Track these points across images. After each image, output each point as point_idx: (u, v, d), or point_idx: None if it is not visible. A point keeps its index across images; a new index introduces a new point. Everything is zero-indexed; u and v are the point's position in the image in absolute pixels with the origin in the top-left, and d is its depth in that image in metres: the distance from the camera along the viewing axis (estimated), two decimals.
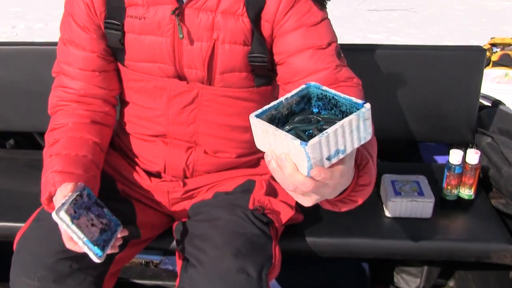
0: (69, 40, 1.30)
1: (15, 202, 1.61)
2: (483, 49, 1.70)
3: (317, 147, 0.67)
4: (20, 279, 1.20)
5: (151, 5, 1.20)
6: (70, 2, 1.29)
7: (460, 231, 1.49)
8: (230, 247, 1.17)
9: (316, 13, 1.18)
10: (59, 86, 1.34)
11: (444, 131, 1.76)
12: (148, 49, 1.24)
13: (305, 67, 1.17)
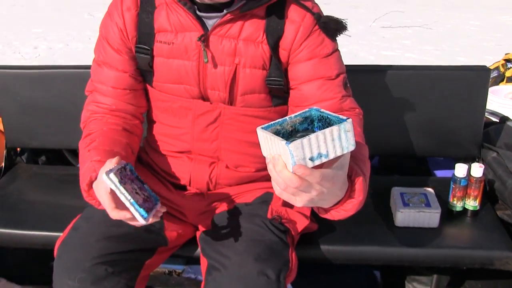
0: (104, 62, 1.43)
1: (51, 213, 1.75)
2: (487, 69, 1.81)
3: (300, 147, 0.83)
4: (63, 281, 1.31)
5: (179, 31, 1.34)
6: (105, 27, 1.43)
7: (465, 239, 1.59)
8: (251, 252, 1.29)
9: (328, 45, 1.32)
10: (92, 102, 1.47)
11: (451, 146, 1.87)
12: (175, 72, 1.37)
13: (313, 95, 1.31)
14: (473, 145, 1.85)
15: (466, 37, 6.81)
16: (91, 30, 7.12)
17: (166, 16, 1.35)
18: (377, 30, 7.24)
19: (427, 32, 7.11)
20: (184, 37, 1.34)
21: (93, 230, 1.38)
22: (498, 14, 8.35)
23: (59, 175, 2.07)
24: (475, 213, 1.65)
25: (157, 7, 1.37)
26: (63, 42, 6.49)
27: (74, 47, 6.24)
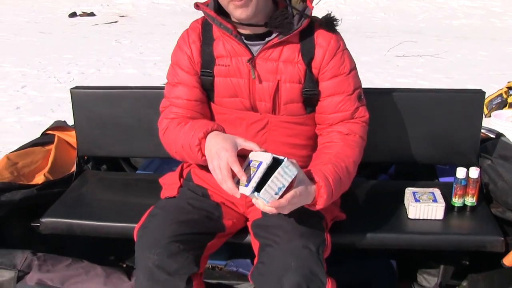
0: (177, 82, 1.81)
1: (120, 209, 2.11)
2: (482, 92, 2.19)
3: (266, 192, 1.42)
4: (145, 255, 1.64)
5: (233, 56, 1.73)
6: (176, 56, 1.82)
7: (464, 228, 1.95)
8: (297, 231, 1.64)
9: (348, 64, 1.74)
10: (170, 113, 1.82)
11: (454, 155, 2.22)
12: (231, 87, 1.76)
13: (333, 107, 1.75)
14: (472, 154, 2.21)
15: (474, 66, 6.98)
16: (119, 56, 7.45)
17: (222, 46, 1.75)
18: (392, 58, 7.42)
19: (439, 61, 7.30)
20: (237, 61, 1.73)
21: (167, 216, 1.72)
22: (504, 46, 8.50)
23: (121, 179, 2.44)
24: (473, 208, 2.00)
25: (215, 39, 1.76)
26: (94, 67, 6.76)
27: (105, 72, 6.55)
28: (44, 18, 11.49)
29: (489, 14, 12.13)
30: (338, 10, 12.43)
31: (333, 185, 1.58)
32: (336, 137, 1.74)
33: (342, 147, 1.71)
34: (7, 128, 4.58)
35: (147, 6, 13.18)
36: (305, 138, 1.81)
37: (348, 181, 1.69)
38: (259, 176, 1.44)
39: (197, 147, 1.62)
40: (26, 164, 2.22)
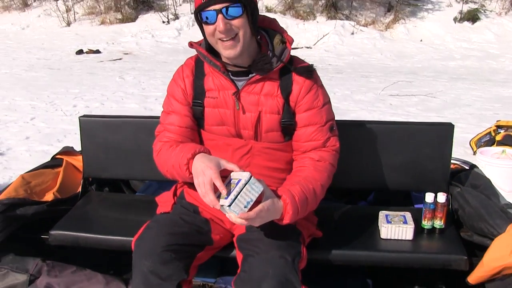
0: (171, 111, 2.04)
1: (120, 225, 2.30)
2: (451, 125, 2.38)
3: (236, 206, 1.65)
4: (141, 261, 1.84)
5: (220, 90, 1.96)
6: (171, 88, 2.06)
7: (432, 248, 2.12)
8: (275, 243, 1.85)
9: (321, 99, 1.97)
10: (163, 137, 2.04)
11: (426, 183, 2.39)
12: (219, 117, 1.98)
13: (307, 137, 1.97)
14: (442, 182, 2.40)
15: (467, 106, 7.11)
16: (123, 91, 7.66)
17: (212, 80, 1.98)
18: (386, 97, 7.54)
19: (432, 100, 7.42)
20: (224, 94, 1.96)
21: (161, 229, 1.92)
22: (498, 86, 8.64)
23: (122, 200, 2.66)
24: (441, 230, 2.18)
25: (206, 74, 2.00)
26: (98, 102, 6.99)
27: (108, 106, 6.76)
28: (53, 55, 11.78)
29: (486, 56, 12.29)
30: (336, 51, 12.73)
31: (298, 203, 1.81)
32: (308, 163, 1.96)
33: (311, 171, 1.93)
34: (18, 155, 4.80)
35: (150, 44, 13.47)
36: (284, 163, 2.03)
37: (314, 201, 1.91)
38: (237, 190, 1.66)
39: (185, 166, 1.82)
40: (38, 183, 2.44)
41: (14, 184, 2.36)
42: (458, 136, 5.39)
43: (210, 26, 1.80)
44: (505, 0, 14.53)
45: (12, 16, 17.14)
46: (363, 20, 14.81)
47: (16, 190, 2.31)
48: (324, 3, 14.99)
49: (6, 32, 15.38)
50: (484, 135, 4.92)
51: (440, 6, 14.90)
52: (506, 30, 13.78)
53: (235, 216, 1.69)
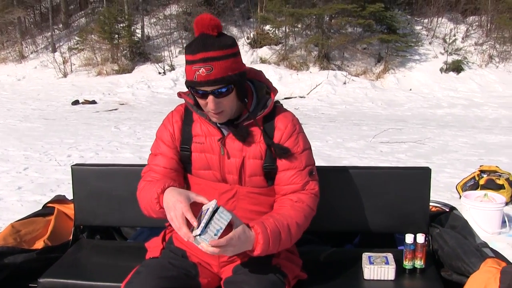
0: (159, 153, 2.10)
1: (110, 271, 2.32)
2: (428, 169, 2.47)
3: (206, 234, 1.70)
4: None
5: (207, 136, 2.05)
6: (160, 132, 2.13)
7: (413, 287, 2.18)
8: (261, 286, 1.90)
9: (301, 145, 2.05)
10: (147, 176, 2.09)
11: (408, 225, 2.44)
12: (205, 161, 2.06)
13: (286, 180, 2.05)
14: (422, 224, 2.46)
15: (454, 152, 7.25)
16: (118, 141, 7.76)
17: (199, 127, 2.07)
18: (376, 145, 7.68)
19: (421, 147, 7.56)
20: (210, 139, 2.05)
21: (150, 273, 1.97)
22: (483, 133, 8.83)
23: (113, 247, 2.69)
24: (422, 270, 2.23)
25: (194, 121, 2.09)
26: (93, 151, 7.07)
27: (103, 156, 6.83)
28: (49, 106, 11.95)
29: (471, 104, 12.58)
30: (328, 100, 12.96)
31: (270, 235, 1.85)
32: (286, 203, 2.03)
33: (288, 210, 2.00)
34: (9, 206, 4.84)
35: (146, 95, 13.66)
36: (268, 207, 2.09)
37: (289, 237, 1.95)
38: (207, 219, 1.72)
39: (156, 200, 1.89)
40: (28, 232, 2.48)
41: (3, 233, 2.40)
42: (445, 181, 5.59)
43: (201, 99, 1.93)
44: (484, 54, 15.11)
45: (8, 67, 17.37)
46: (355, 70, 15.12)
47: (5, 239, 2.35)
48: (316, 54, 15.33)
49: (1, 83, 15.58)
50: (469, 180, 5.01)
51: (427, 57, 15.32)
52: (488, 80, 14.26)
53: (206, 245, 1.73)
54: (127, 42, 16.43)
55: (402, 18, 16.12)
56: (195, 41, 1.88)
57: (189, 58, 1.88)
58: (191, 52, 1.87)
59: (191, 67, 1.86)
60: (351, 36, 15.63)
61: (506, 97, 13.13)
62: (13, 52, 18.14)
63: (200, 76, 1.84)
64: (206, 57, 1.83)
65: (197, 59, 1.84)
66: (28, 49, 18.37)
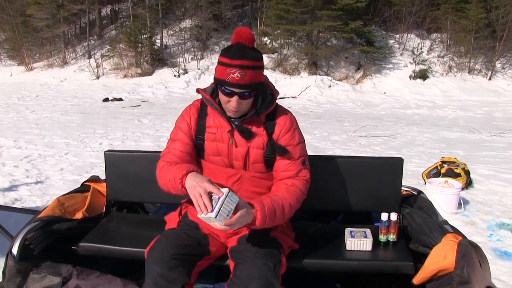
0: (176, 138, 2.08)
1: (136, 239, 2.32)
2: (401, 159, 2.46)
3: (220, 216, 1.72)
4: (151, 267, 1.89)
5: (219, 127, 2.04)
6: (179, 122, 2.10)
7: (386, 256, 2.17)
8: (259, 253, 1.90)
9: (297, 139, 2.05)
10: (166, 157, 2.06)
11: (383, 206, 2.42)
12: (216, 149, 2.05)
13: (283, 168, 2.05)
14: (395, 204, 2.46)
15: (420, 145, 7.26)
16: (140, 132, 7.74)
17: (212, 119, 2.05)
18: (356, 138, 7.71)
19: (392, 141, 7.59)
20: (221, 131, 2.04)
21: (168, 242, 1.97)
22: (444, 130, 8.84)
23: (138, 219, 2.69)
24: (394, 243, 2.23)
25: (208, 114, 2.07)
26: (120, 140, 7.07)
27: (128, 144, 6.84)
28: (85, 102, 11.94)
29: (434, 106, 12.59)
30: (316, 100, 12.95)
31: (267, 212, 1.86)
32: (282, 187, 2.03)
33: (283, 192, 1.99)
34: (53, 183, 4.85)
35: (164, 94, 13.65)
36: (266, 189, 2.09)
37: (282, 215, 1.94)
38: (220, 203, 1.73)
39: (179, 180, 1.87)
40: (70, 205, 2.48)
41: (51, 205, 2.41)
42: (413, 169, 5.59)
43: (226, 96, 1.92)
44: (445, 64, 15.21)
45: (53, 71, 17.44)
46: (338, 76, 15.10)
47: (52, 210, 2.36)
48: (306, 62, 15.29)
49: (49, 84, 15.59)
50: (433, 169, 5.01)
51: (399, 66, 15.33)
52: (448, 87, 14.31)
53: (219, 224, 1.75)
54: (149, 50, 16.40)
55: (378, 33, 16.09)
56: (234, 48, 1.87)
57: (225, 61, 1.87)
58: (230, 57, 1.86)
59: (227, 69, 1.85)
60: (336, 47, 15.58)
61: (463, 101, 13.15)
62: (57, 59, 18.28)
63: (234, 79, 1.85)
64: (243, 65, 1.84)
65: (234, 64, 1.84)
66: (69, 56, 18.45)
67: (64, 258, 2.25)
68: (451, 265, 1.88)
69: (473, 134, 8.48)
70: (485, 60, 15.43)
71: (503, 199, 4.61)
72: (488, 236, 3.70)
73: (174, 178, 1.90)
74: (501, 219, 4.01)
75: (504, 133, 8.57)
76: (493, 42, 15.24)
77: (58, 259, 2.23)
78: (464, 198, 4.48)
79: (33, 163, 5.64)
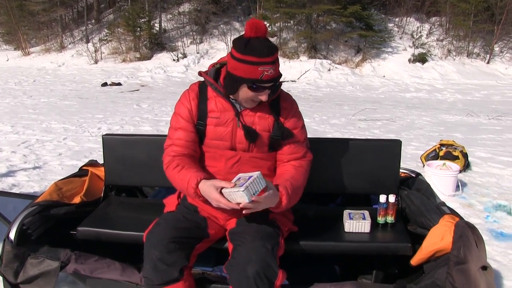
0: (178, 127, 2.05)
1: (134, 223, 2.31)
2: (399, 141, 2.44)
3: (247, 191, 1.75)
4: (150, 251, 1.88)
5: (222, 111, 2.00)
6: (179, 108, 2.06)
7: (385, 238, 2.17)
8: (258, 235, 1.90)
9: (301, 121, 2.07)
10: (170, 151, 2.05)
11: (381, 188, 2.41)
12: (218, 134, 2.02)
13: (291, 150, 2.06)
14: (393, 187, 2.45)
15: (419, 129, 7.24)
16: (139, 117, 7.70)
17: (214, 103, 2.02)
18: (355, 122, 7.67)
19: (392, 124, 7.56)
20: (225, 114, 2.00)
21: (167, 225, 1.96)
22: (443, 113, 8.81)
23: (136, 203, 2.68)
24: (392, 225, 2.23)
25: (209, 98, 2.03)
26: (119, 125, 7.03)
27: (127, 129, 6.80)
28: (83, 87, 11.84)
29: (433, 90, 12.55)
30: (315, 84, 12.90)
31: (291, 195, 1.91)
32: (290, 168, 2.04)
33: (294, 174, 2.01)
34: (52, 168, 4.83)
35: (163, 78, 13.57)
36: (265, 169, 2.08)
37: (297, 196, 1.99)
38: (250, 182, 1.77)
39: (192, 190, 1.90)
40: (68, 189, 2.47)
41: (49, 190, 2.40)
42: (412, 152, 5.58)
43: (253, 92, 1.89)
44: (444, 48, 15.09)
45: (51, 56, 17.25)
46: (338, 59, 15.01)
47: (50, 195, 2.35)
48: (306, 46, 15.18)
49: (46, 69, 15.45)
50: (431, 152, 5.00)
51: (398, 49, 15.24)
52: (447, 70, 14.23)
53: (245, 200, 1.77)
54: (147, 34, 16.25)
55: (377, 17, 15.96)
56: (259, 44, 1.83)
57: (255, 60, 1.82)
58: (259, 55, 1.82)
59: (258, 67, 1.82)
60: (335, 31, 15.46)
61: (461, 85, 13.11)
62: (55, 43, 18.04)
63: (268, 76, 1.83)
64: (274, 60, 1.84)
65: (266, 61, 1.82)
66: (67, 41, 18.25)
67: (63, 243, 2.24)
68: (448, 245, 1.88)
69: (471, 117, 8.46)
70: (483, 43, 15.35)
71: (500, 181, 4.62)
72: (484, 217, 3.71)
73: (187, 188, 1.92)
74: (497, 201, 4.01)
75: (501, 116, 8.56)
76: (492, 25, 15.14)
77: (56, 244, 2.22)
78: (462, 181, 4.48)
79: (30, 148, 5.61)
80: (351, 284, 1.92)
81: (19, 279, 2.09)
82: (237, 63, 1.86)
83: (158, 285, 1.88)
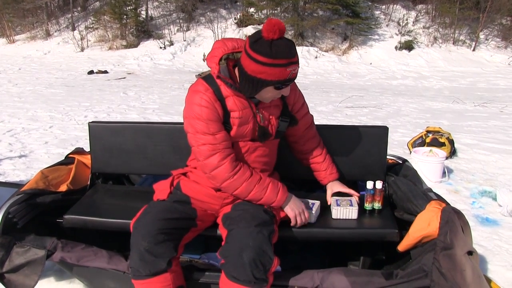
0: (217, 132, 1.93)
1: (121, 210, 2.29)
2: (386, 127, 2.44)
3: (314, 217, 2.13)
4: (138, 241, 1.85)
5: (242, 109, 1.95)
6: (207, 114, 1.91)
7: (372, 224, 2.17)
8: (254, 221, 1.88)
9: (303, 100, 2.16)
10: (222, 154, 1.94)
11: (369, 174, 2.42)
12: (241, 132, 1.99)
13: (312, 134, 2.31)
14: (380, 173, 2.45)
15: (405, 116, 7.26)
16: (126, 104, 7.64)
17: (233, 101, 1.95)
18: (342, 109, 7.66)
19: (379, 111, 7.57)
20: (244, 112, 1.96)
21: (157, 214, 1.93)
22: (429, 101, 8.85)
23: (123, 190, 2.65)
24: (379, 211, 2.23)
25: (226, 97, 1.95)
26: (105, 113, 6.96)
27: (114, 117, 6.74)
28: (69, 75, 11.65)
29: (420, 77, 12.59)
30: (302, 71, 12.84)
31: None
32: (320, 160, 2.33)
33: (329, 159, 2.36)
34: (38, 157, 4.77)
35: (149, 66, 13.41)
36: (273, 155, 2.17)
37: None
38: (314, 209, 2.16)
39: (278, 207, 2.04)
40: (54, 177, 2.43)
41: (35, 178, 2.36)
42: (399, 139, 5.60)
43: (279, 90, 1.89)
44: (430, 35, 15.16)
45: (36, 44, 16.92)
46: (325, 47, 14.97)
47: (36, 183, 2.31)
48: (293, 33, 15.11)
49: (32, 57, 15.14)
50: (418, 138, 5.03)
51: (384, 37, 15.24)
52: (433, 57, 14.29)
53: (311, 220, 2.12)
54: (134, 21, 16.02)
55: (364, 4, 15.88)
56: (283, 46, 1.78)
57: (283, 62, 1.78)
58: (287, 56, 1.78)
59: (286, 68, 1.80)
60: (322, 19, 15.39)
61: (447, 72, 13.17)
62: (40, 31, 17.67)
63: (294, 74, 1.84)
64: (297, 59, 1.83)
65: (294, 61, 1.81)
66: (52, 28, 17.90)
67: (49, 231, 2.21)
68: (435, 231, 1.88)
69: (457, 104, 8.51)
70: (469, 31, 15.41)
71: (486, 168, 4.66)
72: (471, 203, 3.74)
73: (266, 200, 2.01)
74: (483, 187, 4.05)
75: (487, 103, 8.62)
76: (477, 13, 15.19)
77: (43, 232, 2.19)
78: (448, 167, 4.51)
79: (16, 136, 5.53)
80: (339, 270, 1.91)
81: (5, 268, 2.06)
82: (263, 67, 1.79)
83: (145, 276, 1.86)
